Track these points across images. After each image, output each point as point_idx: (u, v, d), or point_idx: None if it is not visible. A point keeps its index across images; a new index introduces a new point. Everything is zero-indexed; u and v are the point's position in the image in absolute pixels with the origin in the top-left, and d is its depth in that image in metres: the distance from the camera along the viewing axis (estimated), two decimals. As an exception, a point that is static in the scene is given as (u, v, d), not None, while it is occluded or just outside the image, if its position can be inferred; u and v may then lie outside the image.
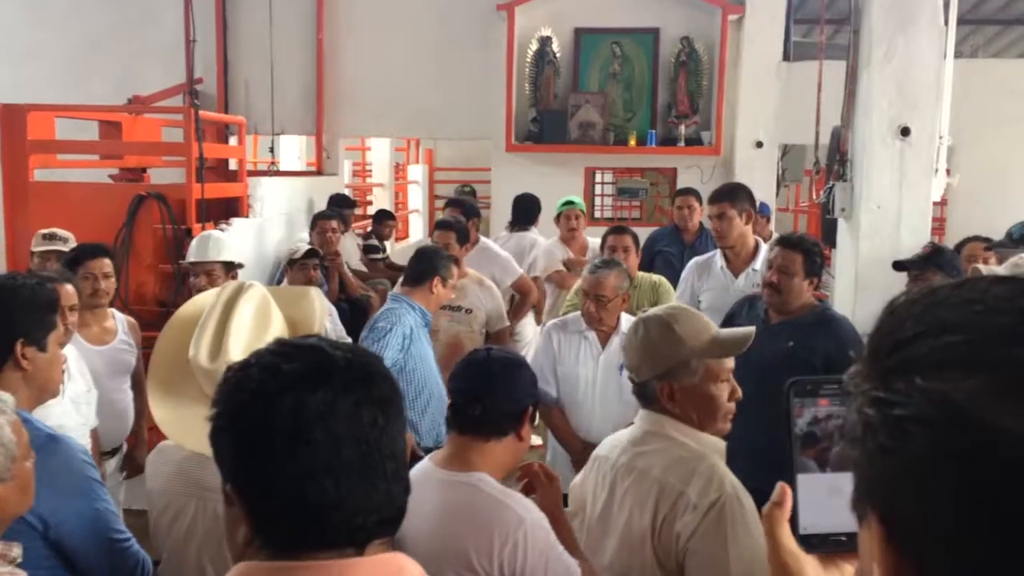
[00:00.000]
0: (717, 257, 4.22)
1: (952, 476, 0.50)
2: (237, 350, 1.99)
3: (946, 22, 4.34)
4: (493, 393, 1.99)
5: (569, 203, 5.67)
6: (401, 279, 4.06)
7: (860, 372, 0.59)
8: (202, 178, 5.09)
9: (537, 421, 3.86)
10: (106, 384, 3.40)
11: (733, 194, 4.13)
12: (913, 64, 4.25)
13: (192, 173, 5.07)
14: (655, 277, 4.58)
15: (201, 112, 5.34)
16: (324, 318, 2.24)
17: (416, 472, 1.91)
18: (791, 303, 3.28)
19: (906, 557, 0.54)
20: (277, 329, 2.09)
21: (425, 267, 3.87)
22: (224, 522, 1.13)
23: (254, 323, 2.06)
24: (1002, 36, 14.23)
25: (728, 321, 3.58)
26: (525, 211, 6.22)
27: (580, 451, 3.61)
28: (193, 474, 1.94)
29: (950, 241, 5.59)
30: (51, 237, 4.16)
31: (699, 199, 5.81)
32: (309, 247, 5.05)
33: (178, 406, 2.06)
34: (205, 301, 2.20)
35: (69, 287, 2.89)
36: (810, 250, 3.31)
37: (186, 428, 2.00)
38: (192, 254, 4.31)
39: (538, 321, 5.52)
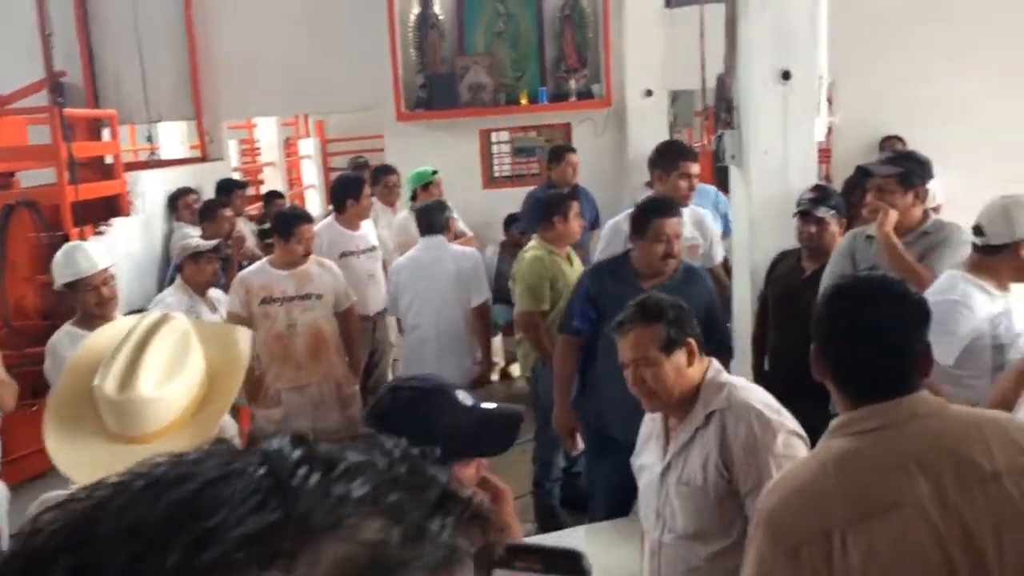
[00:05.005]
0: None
1: None
2: (148, 384, 1.88)
3: (817, -38, 4.39)
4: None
5: (435, 172, 5.69)
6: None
7: None
8: (75, 179, 4.81)
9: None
10: None
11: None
12: (789, 7, 4.29)
13: (63, 175, 4.79)
14: None
15: (67, 109, 5.03)
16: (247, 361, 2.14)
17: None
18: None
19: None
20: (195, 369, 1.98)
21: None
22: None
23: (171, 359, 1.95)
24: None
25: None
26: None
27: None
28: None
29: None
30: None
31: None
32: (216, 240, 4.83)
33: (75, 439, 1.95)
34: (118, 329, 2.08)
35: None
36: None
37: (82, 464, 1.90)
38: (76, 272, 3.67)
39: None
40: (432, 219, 4.89)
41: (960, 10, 6.28)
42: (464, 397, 1.64)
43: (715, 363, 2.45)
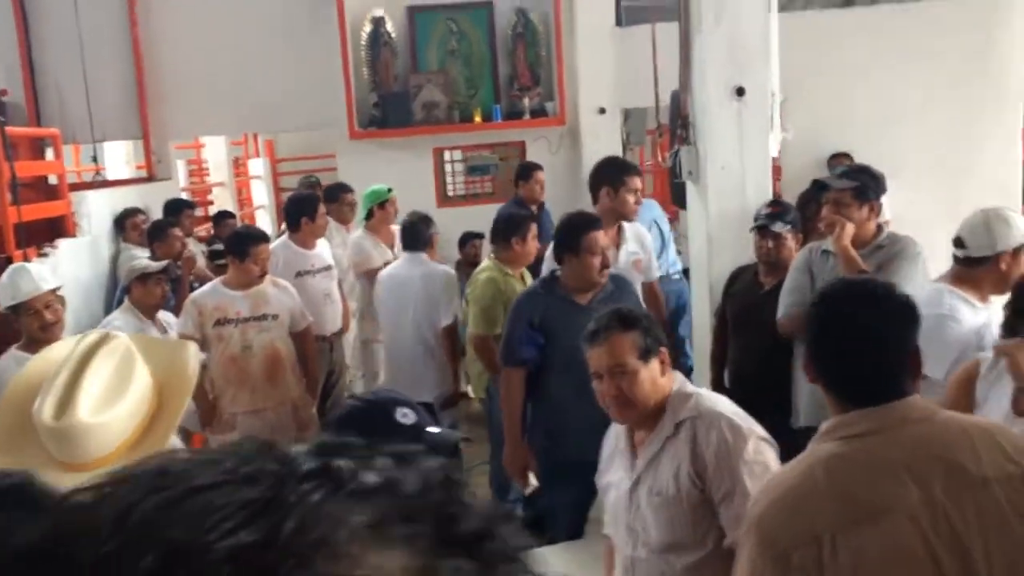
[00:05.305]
0: None
1: None
2: (86, 408, 1.81)
3: (768, -20, 4.45)
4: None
5: (390, 190, 5.64)
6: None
7: None
8: (17, 200, 4.65)
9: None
10: None
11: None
12: (742, 24, 4.35)
13: (5, 196, 4.63)
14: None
15: (8, 128, 4.87)
16: (195, 377, 2.08)
17: None
18: None
19: None
20: (140, 387, 1.90)
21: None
22: None
23: (112, 379, 1.88)
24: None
25: None
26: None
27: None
28: None
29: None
30: None
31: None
32: (166, 261, 4.70)
33: (18, 467, 1.86)
34: (59, 352, 2.00)
35: None
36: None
37: None
38: (16, 294, 3.56)
39: (346, 326, 5.44)
40: (415, 235, 4.91)
41: (899, 23, 6.48)
42: (404, 415, 1.63)
43: (679, 375, 2.45)
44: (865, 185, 3.49)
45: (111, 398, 1.88)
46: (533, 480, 3.73)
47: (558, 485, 3.57)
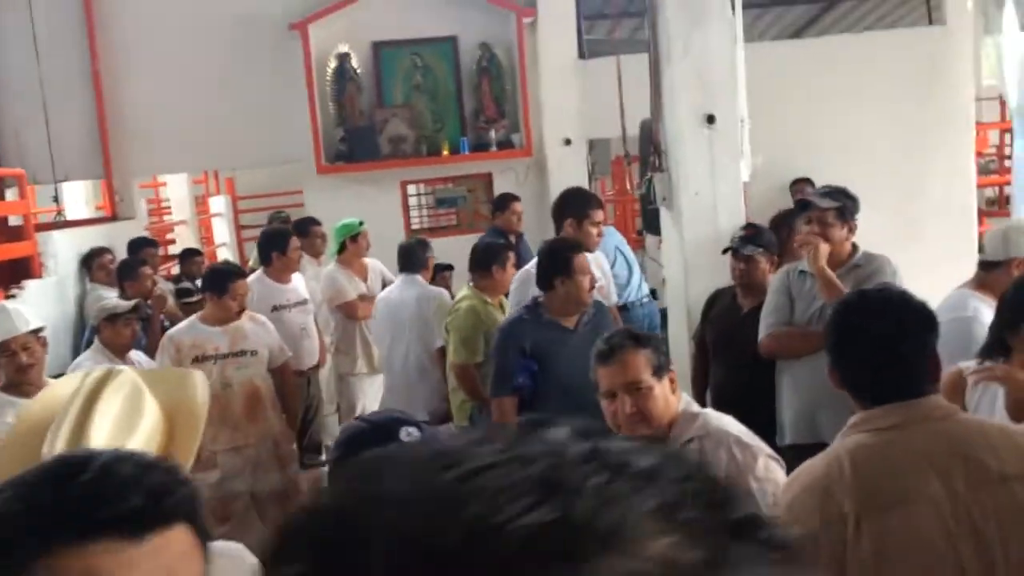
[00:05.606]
0: None
1: None
2: (98, 447, 1.77)
3: (733, 10, 4.58)
4: None
5: (361, 223, 5.64)
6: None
7: None
8: (-16, 241, 4.56)
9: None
10: None
11: None
12: (710, 54, 4.46)
13: (-29, 237, 4.53)
14: None
15: (-29, 167, 4.78)
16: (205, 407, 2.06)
17: None
18: None
19: None
20: (150, 421, 1.87)
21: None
22: None
23: (122, 415, 1.84)
24: (760, 20, 15.33)
25: None
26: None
27: None
28: None
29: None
30: None
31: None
32: (135, 301, 4.62)
33: None
34: (63, 390, 1.96)
35: None
36: None
37: None
38: None
39: (323, 360, 5.41)
40: (411, 257, 5.02)
41: (853, 52, 6.69)
42: (409, 434, 1.64)
43: (685, 395, 2.48)
44: (844, 205, 3.60)
45: (121, 435, 1.84)
46: None
47: None
